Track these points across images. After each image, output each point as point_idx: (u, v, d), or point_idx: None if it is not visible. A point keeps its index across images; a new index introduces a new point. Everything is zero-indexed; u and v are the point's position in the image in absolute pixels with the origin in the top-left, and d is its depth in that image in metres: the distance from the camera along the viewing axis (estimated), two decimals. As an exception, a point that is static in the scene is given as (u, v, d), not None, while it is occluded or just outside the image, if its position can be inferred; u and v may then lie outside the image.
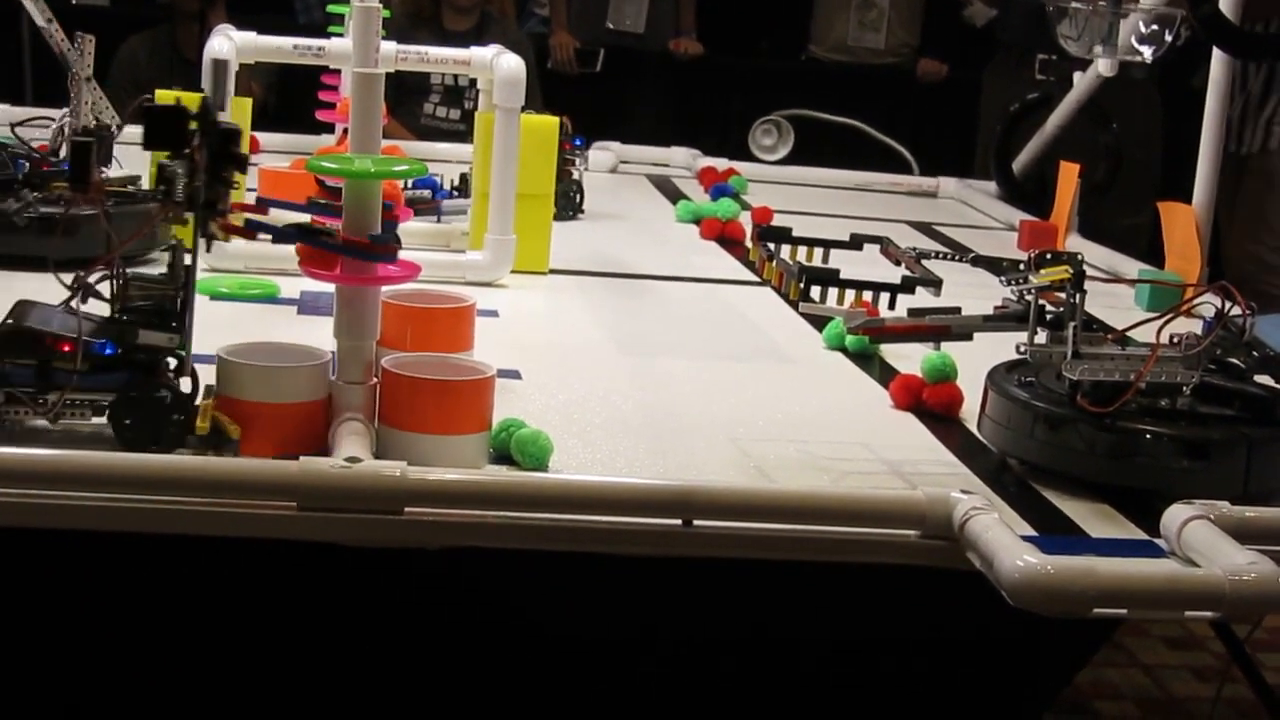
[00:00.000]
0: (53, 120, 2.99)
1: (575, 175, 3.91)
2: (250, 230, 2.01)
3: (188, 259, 1.96)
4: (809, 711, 2.17)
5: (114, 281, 1.96)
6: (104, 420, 1.93)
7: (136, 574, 1.99)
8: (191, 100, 2.99)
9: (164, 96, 3.12)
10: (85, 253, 2.04)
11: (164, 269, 1.99)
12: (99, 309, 1.96)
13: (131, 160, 2.76)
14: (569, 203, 3.87)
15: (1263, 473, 2.05)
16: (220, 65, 1.97)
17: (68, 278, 1.94)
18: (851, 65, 7.33)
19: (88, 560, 1.96)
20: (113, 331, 1.94)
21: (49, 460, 1.79)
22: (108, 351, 1.94)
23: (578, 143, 3.92)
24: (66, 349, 1.92)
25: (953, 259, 2.75)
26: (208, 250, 1.95)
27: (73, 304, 1.93)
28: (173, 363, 1.96)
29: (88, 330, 1.94)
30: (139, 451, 1.88)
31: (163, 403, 1.92)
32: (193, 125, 1.91)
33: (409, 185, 3.45)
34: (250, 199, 2.06)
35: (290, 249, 2.08)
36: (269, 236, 2.05)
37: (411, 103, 5.78)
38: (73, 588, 2.01)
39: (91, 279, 1.95)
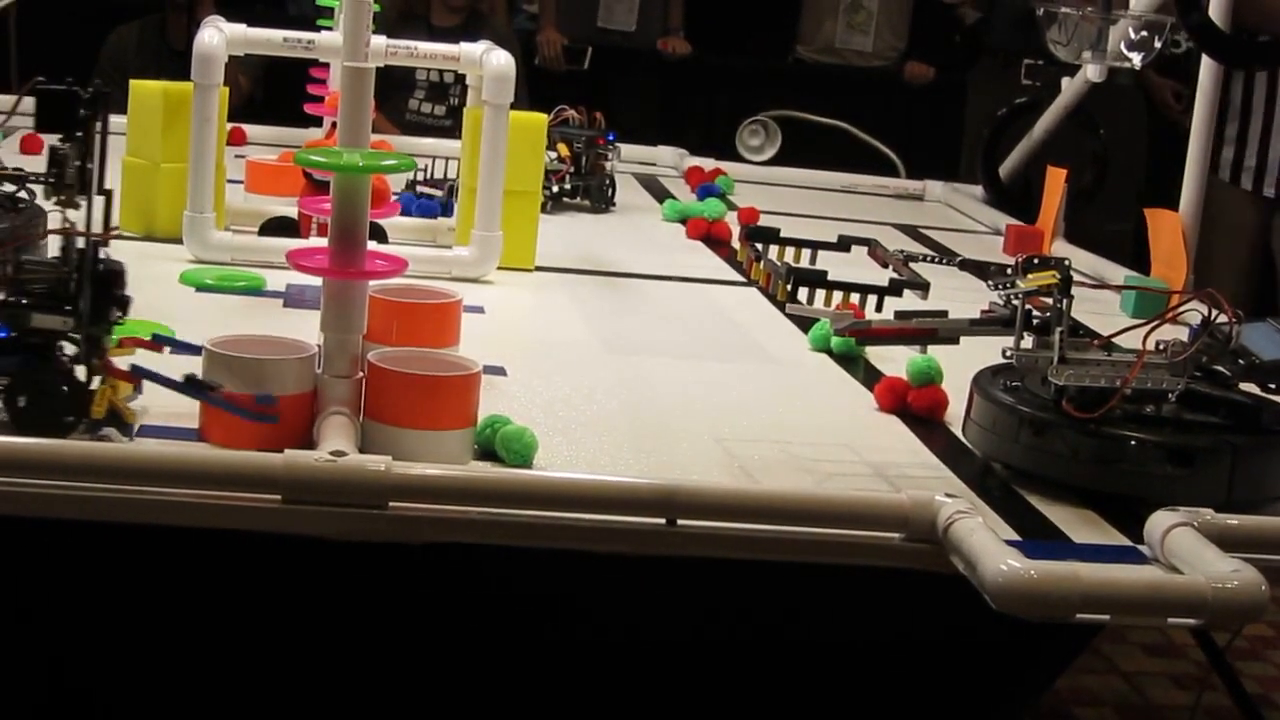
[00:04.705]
0: None
1: (607, 169, 4.02)
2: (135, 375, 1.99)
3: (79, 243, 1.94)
4: (790, 713, 2.16)
5: (4, 266, 1.94)
6: None
7: (119, 565, 1.98)
8: (180, 91, 3.01)
9: (147, 87, 3.16)
10: None
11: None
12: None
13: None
14: (602, 195, 4.01)
15: (1247, 480, 2.05)
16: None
17: None
18: (839, 67, 7.34)
19: (69, 551, 1.95)
20: (5, 315, 1.93)
21: (32, 449, 1.79)
22: (1, 335, 1.92)
23: (610, 138, 4.01)
24: None
25: (940, 262, 2.75)
26: (105, 245, 1.94)
27: None
28: (70, 347, 1.95)
29: None
30: (35, 434, 1.86)
31: (57, 386, 1.91)
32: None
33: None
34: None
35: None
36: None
37: (397, 98, 5.78)
38: (54, 578, 2.01)
39: None
